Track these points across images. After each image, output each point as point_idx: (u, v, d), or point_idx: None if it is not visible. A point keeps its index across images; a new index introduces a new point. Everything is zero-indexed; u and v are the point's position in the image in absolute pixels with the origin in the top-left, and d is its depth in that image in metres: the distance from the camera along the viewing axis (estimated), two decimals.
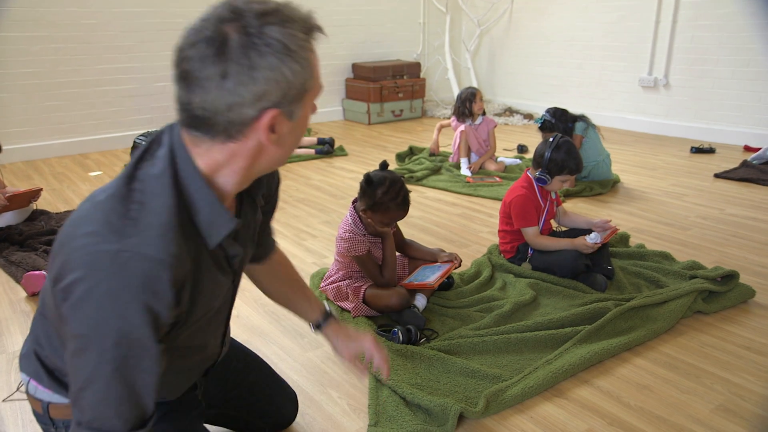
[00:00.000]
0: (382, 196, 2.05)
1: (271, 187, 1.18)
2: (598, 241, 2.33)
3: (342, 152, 4.78)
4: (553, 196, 2.58)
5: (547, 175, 2.45)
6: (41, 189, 3.15)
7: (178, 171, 0.88)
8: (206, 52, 0.80)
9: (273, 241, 1.35)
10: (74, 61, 4.70)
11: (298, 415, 1.65)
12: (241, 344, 1.53)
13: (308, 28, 0.85)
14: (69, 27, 4.61)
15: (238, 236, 1.05)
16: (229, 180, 0.91)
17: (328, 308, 1.44)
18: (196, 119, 0.85)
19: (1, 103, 4.49)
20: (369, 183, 2.07)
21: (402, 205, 2.09)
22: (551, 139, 2.48)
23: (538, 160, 2.49)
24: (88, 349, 0.82)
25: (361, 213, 2.13)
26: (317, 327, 1.42)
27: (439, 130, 4.54)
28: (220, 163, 0.89)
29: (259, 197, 1.11)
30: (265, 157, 0.90)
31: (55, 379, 1.07)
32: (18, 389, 1.15)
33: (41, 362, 1.07)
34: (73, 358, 0.84)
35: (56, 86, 4.68)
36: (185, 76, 0.83)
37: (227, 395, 1.43)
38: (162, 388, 1.09)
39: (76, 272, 0.81)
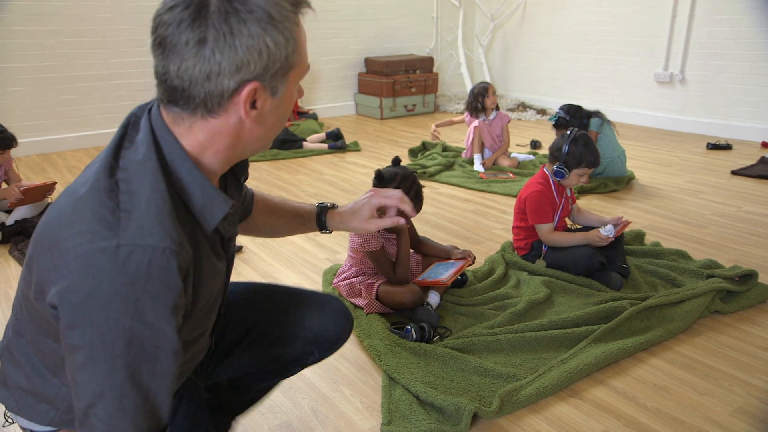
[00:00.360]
0: None
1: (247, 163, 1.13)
2: (612, 235, 2.31)
3: (355, 147, 4.77)
4: (568, 194, 2.55)
5: (565, 169, 2.42)
6: (56, 182, 3.17)
7: (163, 154, 0.82)
8: (183, 16, 0.76)
9: (251, 194, 1.26)
10: (88, 55, 4.72)
11: (310, 412, 1.65)
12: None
13: (296, 0, 0.81)
14: (83, 21, 4.63)
15: (229, 218, 1.00)
16: (214, 161, 0.87)
17: (317, 205, 1.31)
18: (173, 91, 0.80)
19: (17, 96, 4.52)
20: (380, 179, 2.06)
21: (414, 201, 2.07)
22: (568, 132, 2.46)
23: (555, 154, 2.47)
24: (95, 360, 0.74)
25: None
26: (324, 230, 1.31)
27: (446, 123, 4.49)
28: (203, 142, 0.84)
29: (243, 176, 1.07)
30: (246, 136, 0.86)
31: (29, 404, 0.96)
32: (6, 419, 1.07)
33: (18, 387, 0.97)
34: (77, 373, 0.76)
35: (70, 80, 4.70)
36: (161, 42, 0.79)
37: (227, 350, 1.27)
38: None
39: (71, 277, 0.74)
